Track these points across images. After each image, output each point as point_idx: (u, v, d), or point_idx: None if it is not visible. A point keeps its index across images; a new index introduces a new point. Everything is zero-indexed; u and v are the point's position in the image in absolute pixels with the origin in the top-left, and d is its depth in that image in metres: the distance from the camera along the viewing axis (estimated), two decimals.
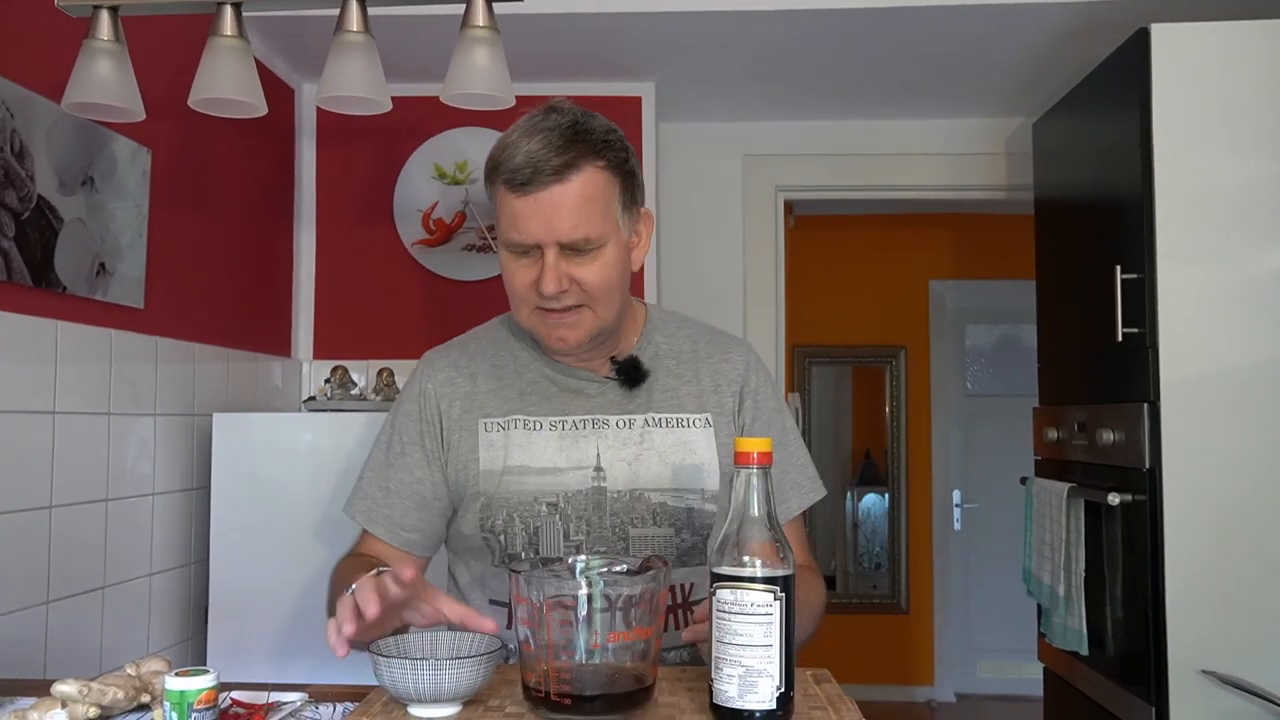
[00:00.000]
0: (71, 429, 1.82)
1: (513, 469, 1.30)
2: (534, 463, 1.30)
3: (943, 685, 5.00)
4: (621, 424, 1.32)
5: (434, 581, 2.22)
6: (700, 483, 1.31)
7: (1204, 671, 2.00)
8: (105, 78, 1.57)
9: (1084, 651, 2.33)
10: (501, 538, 1.30)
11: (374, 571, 1.12)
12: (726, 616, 0.93)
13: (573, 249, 1.21)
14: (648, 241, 1.33)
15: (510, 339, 1.40)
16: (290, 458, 2.21)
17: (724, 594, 0.93)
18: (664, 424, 1.32)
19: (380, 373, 2.60)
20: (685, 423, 1.33)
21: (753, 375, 1.38)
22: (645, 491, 1.30)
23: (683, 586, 1.31)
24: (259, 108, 1.64)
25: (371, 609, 0.99)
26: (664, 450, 1.31)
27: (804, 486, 1.38)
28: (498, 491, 1.30)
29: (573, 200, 1.19)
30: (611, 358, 1.34)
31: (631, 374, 1.33)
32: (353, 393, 2.55)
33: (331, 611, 1.23)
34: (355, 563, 1.32)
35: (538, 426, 1.32)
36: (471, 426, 1.33)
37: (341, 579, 1.25)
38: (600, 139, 1.23)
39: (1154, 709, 2.05)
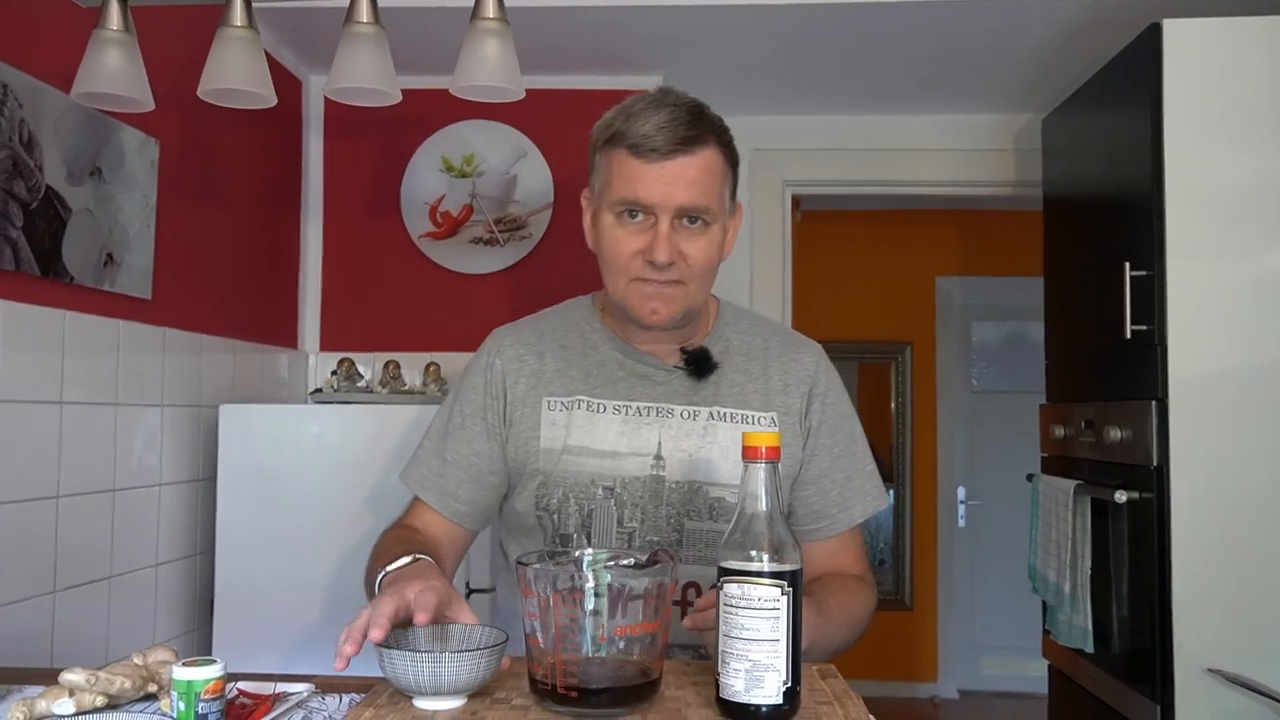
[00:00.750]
0: (78, 419, 1.82)
1: (573, 448, 1.30)
2: (594, 444, 1.30)
3: (946, 682, 5.00)
4: (686, 414, 1.32)
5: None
6: (742, 477, 1.31)
7: (1210, 670, 1.99)
8: (115, 68, 1.57)
9: (1089, 649, 2.32)
10: (555, 517, 1.30)
11: (410, 558, 1.14)
12: (734, 611, 0.92)
13: (687, 219, 1.24)
14: (735, 234, 1.35)
15: (582, 321, 1.41)
16: (297, 449, 2.21)
17: (731, 588, 0.93)
18: (729, 419, 1.32)
19: (387, 365, 2.60)
20: (750, 419, 1.33)
21: (822, 378, 1.38)
22: (704, 485, 1.30)
23: None
24: (268, 98, 1.64)
25: (377, 635, 0.98)
26: (726, 445, 1.30)
27: (869, 494, 1.38)
28: (555, 470, 1.30)
29: (696, 171, 1.23)
30: (681, 347, 1.34)
31: (700, 365, 1.33)
32: (359, 385, 2.55)
33: (369, 583, 1.25)
34: (400, 535, 1.32)
35: (601, 409, 1.32)
36: (535, 404, 1.34)
37: (384, 552, 1.25)
38: (719, 124, 1.28)
39: (1159, 707, 2.04)
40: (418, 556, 1.15)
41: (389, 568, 1.16)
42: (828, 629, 1.17)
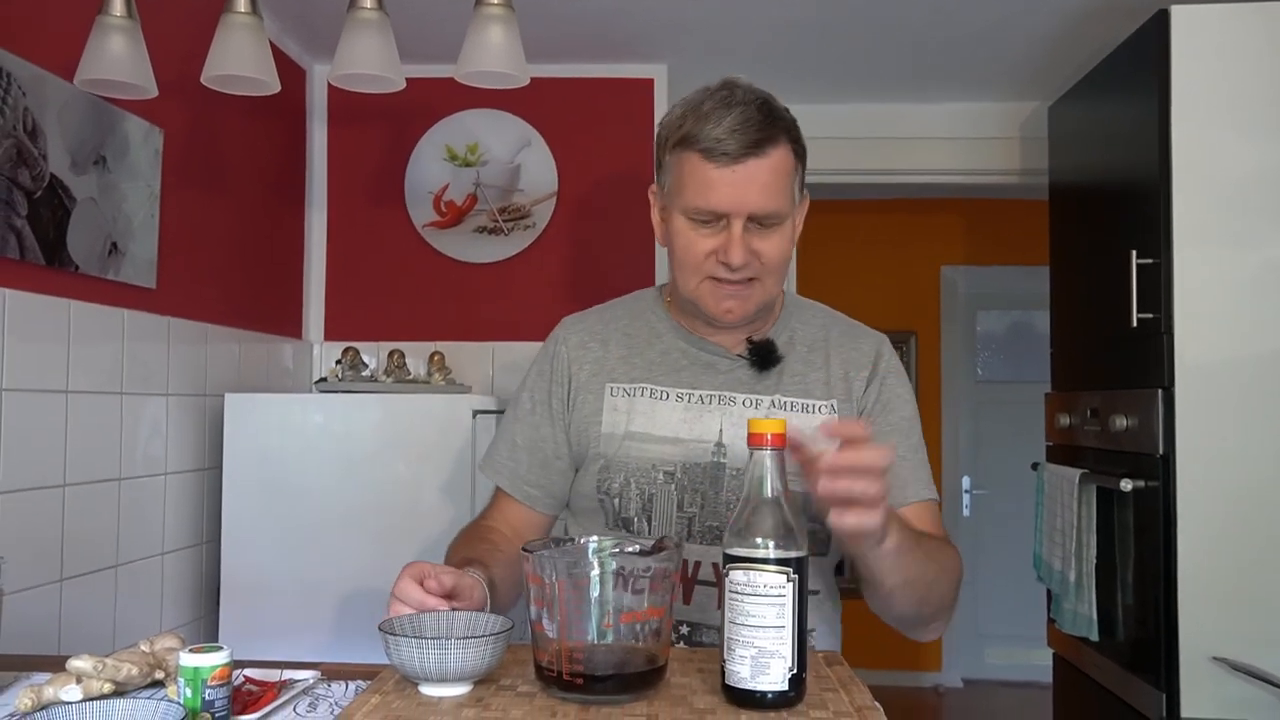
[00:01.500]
0: (84, 408, 1.83)
1: (635, 434, 1.32)
2: (657, 430, 1.32)
3: (950, 671, 5.01)
4: (748, 403, 1.33)
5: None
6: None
7: (1215, 658, 1.99)
8: (118, 54, 1.56)
9: (1094, 637, 2.32)
10: (616, 501, 1.31)
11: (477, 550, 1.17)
12: (739, 597, 0.92)
13: (759, 221, 1.24)
14: (801, 222, 1.35)
15: (648, 310, 1.42)
16: (301, 439, 2.22)
17: (737, 575, 0.93)
18: (790, 408, 1.32)
19: (391, 354, 2.60)
20: (811, 409, 1.33)
21: (882, 363, 1.38)
22: None
23: None
24: (272, 85, 1.64)
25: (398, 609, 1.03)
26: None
27: (921, 480, 1.35)
28: (617, 454, 1.32)
29: (768, 174, 1.22)
30: (748, 338, 1.35)
31: (765, 356, 1.33)
32: (364, 374, 2.55)
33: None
34: (474, 534, 1.36)
35: (664, 396, 1.34)
36: (598, 390, 1.35)
37: (454, 549, 1.31)
38: (789, 120, 1.27)
39: (1164, 695, 2.04)
40: (471, 573, 1.16)
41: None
42: (918, 553, 1.13)
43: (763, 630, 0.92)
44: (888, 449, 1.00)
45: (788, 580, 0.92)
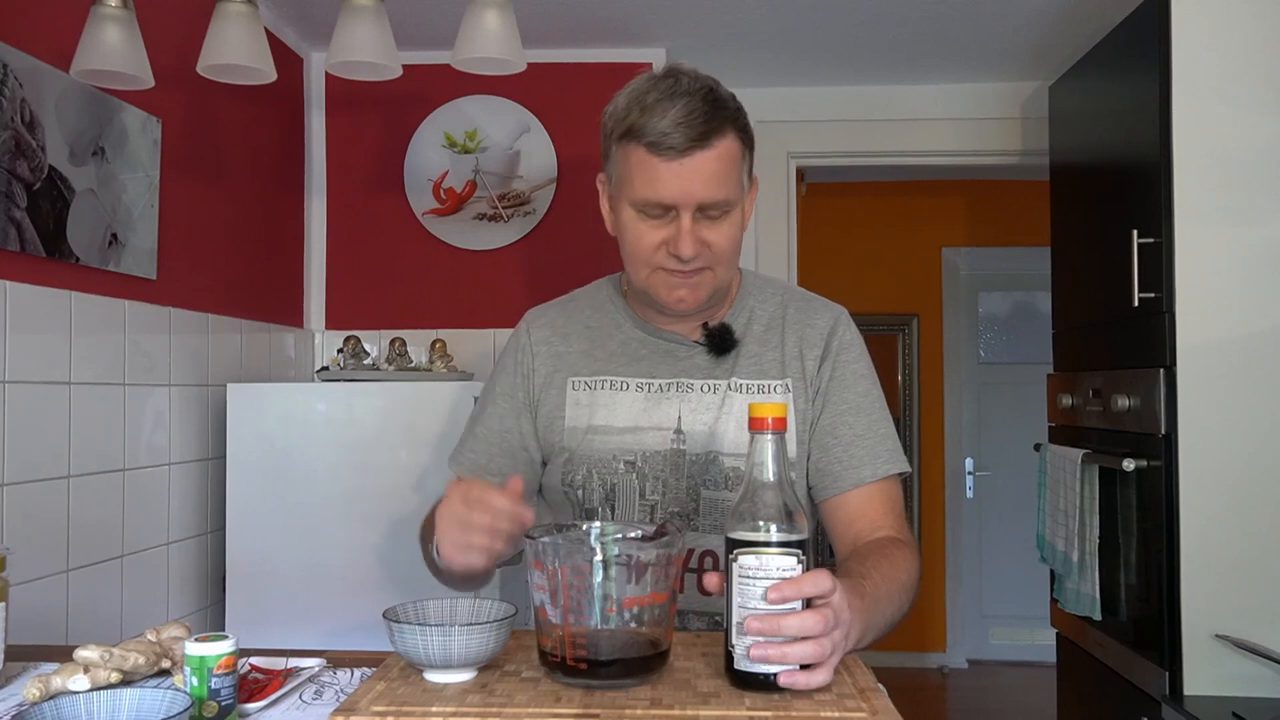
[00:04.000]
0: (87, 399, 1.83)
1: (597, 427, 1.33)
2: (617, 422, 1.33)
3: (955, 652, 5.03)
4: (706, 388, 1.33)
5: None
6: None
7: (1217, 636, 2.00)
8: (114, 44, 1.56)
9: (1097, 616, 2.33)
10: (580, 492, 1.32)
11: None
12: (750, 582, 0.93)
13: (707, 212, 1.24)
14: (752, 206, 1.35)
15: (606, 302, 1.42)
16: (304, 427, 2.22)
17: (747, 560, 0.93)
18: (745, 389, 1.33)
19: (393, 342, 2.60)
20: (766, 389, 1.33)
21: (836, 339, 1.36)
22: (720, 455, 1.30)
23: None
24: (268, 74, 1.63)
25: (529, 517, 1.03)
26: (741, 415, 1.30)
27: (880, 457, 1.32)
28: (580, 448, 1.33)
29: (714, 165, 1.22)
30: (704, 324, 1.35)
31: (721, 342, 1.34)
32: (365, 362, 2.55)
33: (428, 546, 1.27)
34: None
35: (624, 387, 1.34)
36: (560, 385, 1.36)
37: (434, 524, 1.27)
38: (734, 107, 1.26)
39: (1167, 673, 2.05)
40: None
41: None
42: (875, 611, 1.09)
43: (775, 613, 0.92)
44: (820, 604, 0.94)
45: (798, 561, 0.93)
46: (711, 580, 0.99)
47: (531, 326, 1.42)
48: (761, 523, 0.94)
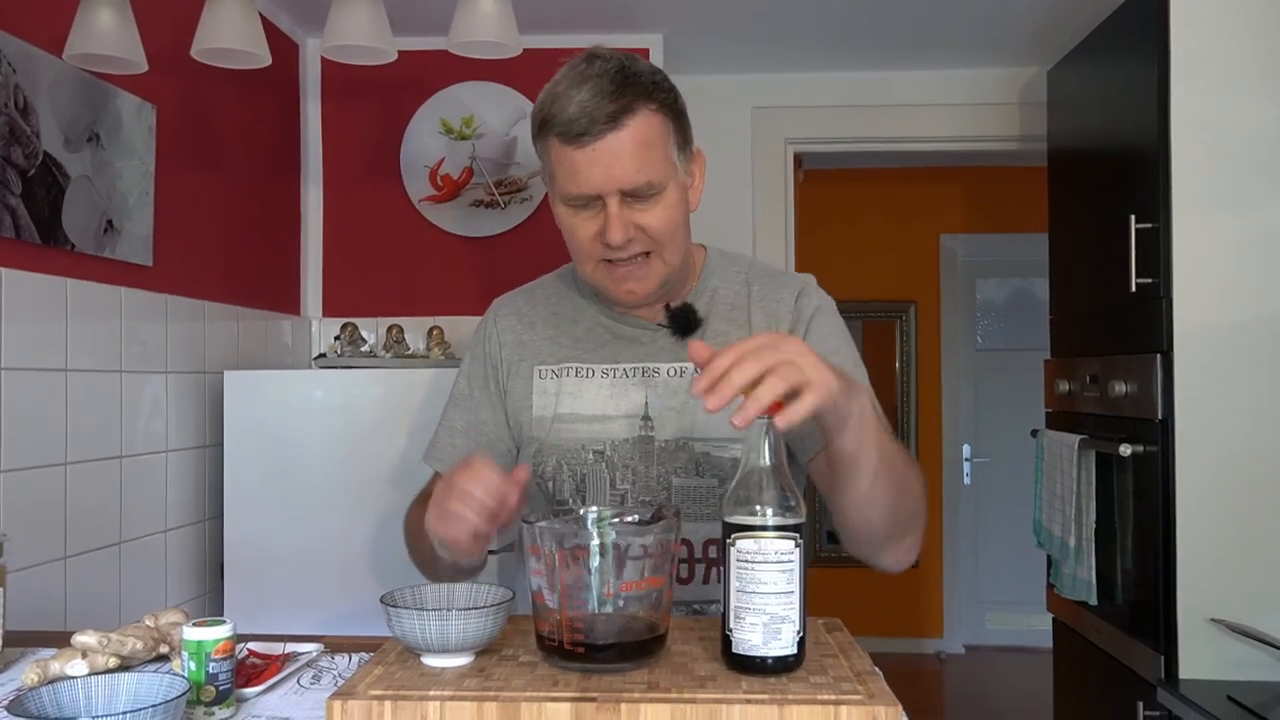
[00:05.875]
0: (84, 387, 1.83)
1: (563, 416, 1.31)
2: (584, 410, 1.30)
3: (952, 637, 5.05)
4: (673, 372, 1.30)
5: None
6: (744, 433, 1.28)
7: (1213, 620, 2.01)
8: (107, 28, 1.55)
9: (1093, 602, 2.34)
10: (550, 484, 1.30)
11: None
12: (749, 566, 0.93)
13: (634, 195, 1.19)
14: (701, 182, 1.30)
15: (570, 289, 1.40)
16: (302, 415, 2.22)
17: (745, 544, 0.93)
18: None
19: (390, 329, 2.60)
20: None
21: (802, 305, 1.32)
22: (690, 441, 1.28)
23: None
24: (262, 58, 1.63)
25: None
26: None
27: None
28: (548, 438, 1.31)
29: (631, 146, 1.17)
30: (666, 305, 1.31)
31: (683, 323, 1.29)
32: (363, 350, 2.55)
33: (414, 535, 1.27)
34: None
35: (590, 374, 1.32)
36: (527, 374, 1.34)
37: (419, 518, 1.24)
38: (649, 80, 1.20)
39: (1163, 657, 2.06)
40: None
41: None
42: (884, 432, 1.08)
43: (774, 596, 0.92)
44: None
45: (795, 544, 0.93)
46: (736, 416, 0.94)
47: (498, 315, 1.40)
48: (758, 507, 0.94)
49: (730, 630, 0.94)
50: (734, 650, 0.94)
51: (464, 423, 1.37)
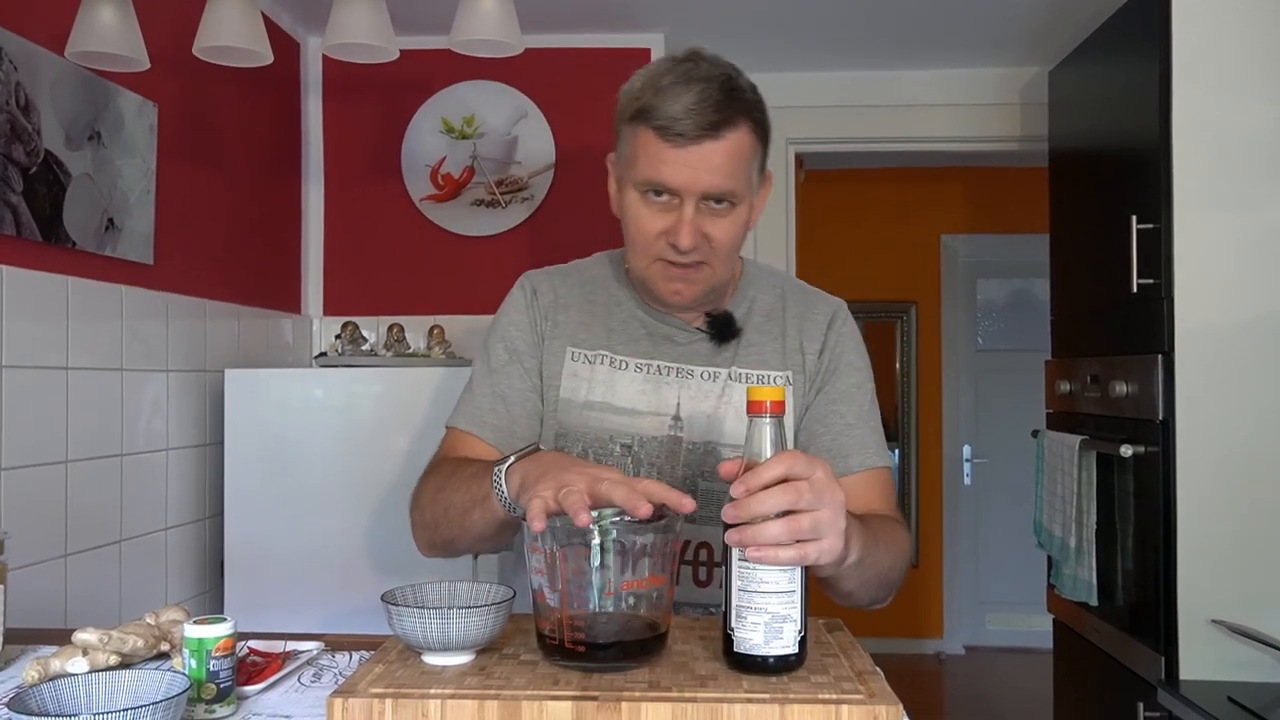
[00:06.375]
0: (85, 385, 1.83)
1: (594, 404, 1.30)
2: (616, 401, 1.30)
3: (952, 638, 5.04)
4: (706, 375, 1.31)
5: None
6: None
7: (1213, 621, 2.00)
8: (108, 25, 1.55)
9: (1093, 602, 2.34)
10: None
11: (532, 446, 1.12)
12: (752, 565, 0.92)
13: (712, 202, 1.21)
14: (763, 204, 1.32)
15: (608, 277, 1.39)
16: (302, 413, 2.22)
17: None
18: (746, 379, 1.31)
19: (391, 328, 2.60)
20: (766, 380, 1.31)
21: (834, 333, 1.35)
22: (719, 445, 1.29)
23: None
24: (264, 56, 1.63)
25: (585, 519, 0.92)
26: (740, 406, 1.27)
27: (869, 447, 1.31)
28: (575, 424, 1.30)
29: (723, 156, 1.19)
30: (706, 311, 1.33)
31: (722, 330, 1.31)
32: (363, 348, 2.55)
33: (428, 500, 1.23)
34: (465, 460, 1.25)
35: (623, 366, 1.32)
36: (558, 352, 1.34)
37: (456, 474, 1.20)
38: (751, 98, 1.23)
39: (1163, 658, 2.06)
40: (538, 445, 1.12)
41: (516, 452, 1.10)
42: (869, 534, 1.08)
43: (776, 595, 0.92)
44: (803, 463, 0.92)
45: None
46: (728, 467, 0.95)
47: (536, 286, 1.38)
48: None
49: (732, 629, 0.94)
50: (735, 649, 0.94)
51: (513, 389, 1.33)
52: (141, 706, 0.81)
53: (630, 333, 1.34)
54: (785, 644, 0.92)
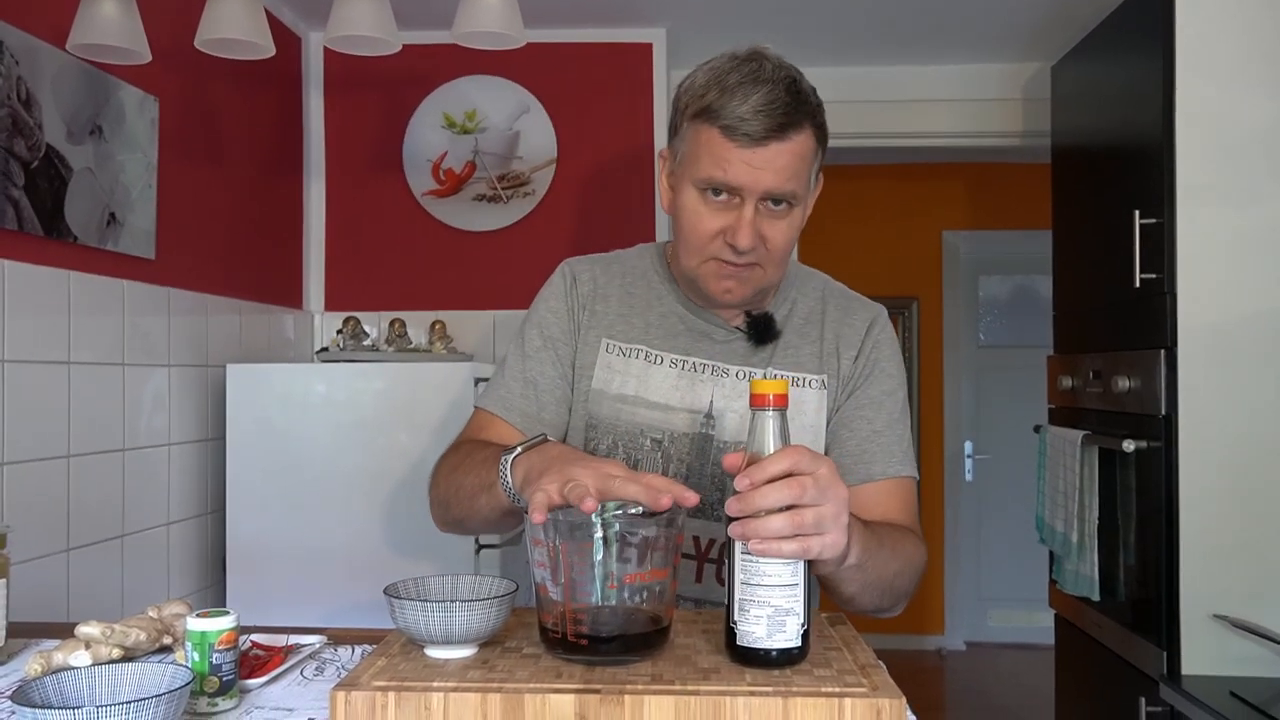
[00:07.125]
0: (87, 379, 1.83)
1: (627, 398, 1.30)
2: (649, 395, 1.30)
3: (953, 634, 5.05)
4: (741, 375, 1.31)
5: None
6: (805, 443, 1.27)
7: (1216, 616, 2.00)
8: (111, 18, 1.55)
9: (1095, 597, 2.34)
10: None
11: (540, 436, 1.11)
12: (754, 559, 0.92)
13: (772, 202, 1.21)
14: (812, 205, 1.32)
15: (649, 270, 1.38)
16: (304, 408, 2.22)
17: None
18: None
19: (392, 323, 2.60)
20: (801, 382, 1.31)
21: (870, 340, 1.35)
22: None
23: None
24: (266, 48, 1.63)
25: (590, 504, 0.93)
26: None
27: (894, 456, 1.30)
28: (607, 416, 1.30)
29: (786, 158, 1.19)
30: (747, 311, 1.32)
31: (762, 332, 1.31)
32: (365, 343, 2.55)
33: (445, 483, 1.23)
34: (484, 444, 1.25)
35: (659, 360, 1.31)
36: (594, 342, 1.33)
37: (471, 455, 1.20)
38: (814, 102, 1.23)
39: (1165, 653, 2.06)
40: (546, 437, 1.12)
41: (522, 443, 1.10)
42: (874, 538, 1.08)
43: (779, 589, 0.92)
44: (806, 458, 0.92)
45: None
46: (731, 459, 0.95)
47: (576, 273, 1.37)
48: None
49: (735, 623, 0.94)
50: (738, 643, 0.94)
51: (545, 376, 1.33)
52: (144, 700, 0.81)
53: (669, 328, 1.33)
54: (788, 637, 0.92)
